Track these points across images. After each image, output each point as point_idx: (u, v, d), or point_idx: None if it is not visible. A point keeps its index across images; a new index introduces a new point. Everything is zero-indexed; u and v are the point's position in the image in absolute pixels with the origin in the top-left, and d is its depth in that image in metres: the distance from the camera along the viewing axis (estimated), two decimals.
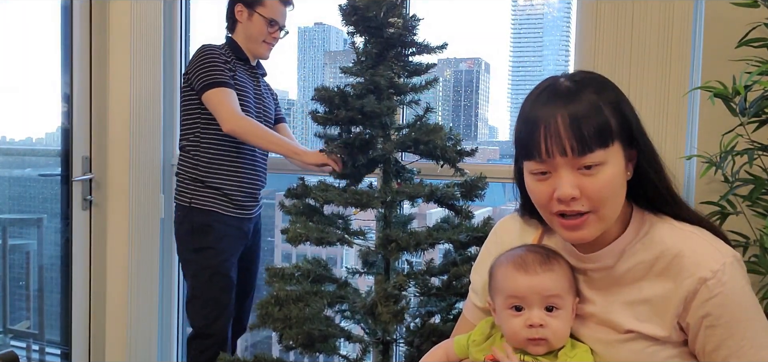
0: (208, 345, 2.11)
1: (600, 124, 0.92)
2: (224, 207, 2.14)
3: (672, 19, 1.82)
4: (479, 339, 1.09)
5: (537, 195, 0.97)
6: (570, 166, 0.93)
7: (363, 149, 1.81)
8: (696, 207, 1.82)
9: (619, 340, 0.99)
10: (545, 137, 0.92)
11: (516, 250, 1.05)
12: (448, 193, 1.77)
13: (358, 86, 1.79)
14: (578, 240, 0.98)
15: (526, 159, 0.97)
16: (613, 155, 0.94)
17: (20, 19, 2.89)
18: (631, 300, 0.99)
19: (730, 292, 0.93)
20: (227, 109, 2.05)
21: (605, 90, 0.97)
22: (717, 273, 0.92)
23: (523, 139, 0.96)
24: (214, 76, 2.07)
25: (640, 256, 0.99)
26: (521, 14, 3.79)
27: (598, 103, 0.93)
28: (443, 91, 3.44)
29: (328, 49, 4.57)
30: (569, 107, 0.92)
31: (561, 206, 0.94)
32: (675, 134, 1.83)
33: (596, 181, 0.92)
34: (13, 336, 3.02)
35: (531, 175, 0.97)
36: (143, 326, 2.62)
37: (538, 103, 0.96)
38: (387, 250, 1.72)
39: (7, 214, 3.10)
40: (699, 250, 0.95)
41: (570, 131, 0.91)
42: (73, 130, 2.57)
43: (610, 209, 0.95)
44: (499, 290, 1.03)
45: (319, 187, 1.83)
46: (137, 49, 2.53)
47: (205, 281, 2.12)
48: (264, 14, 2.18)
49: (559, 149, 0.92)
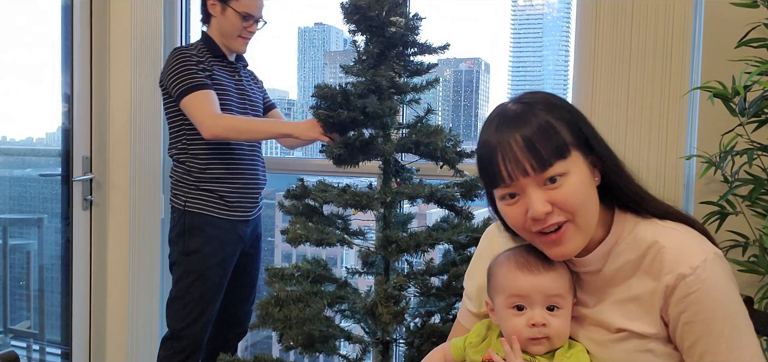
0: (180, 348, 2.10)
1: (553, 139, 0.94)
2: (219, 210, 2.10)
3: (672, 19, 1.82)
4: (476, 340, 1.09)
5: (512, 219, 0.99)
6: (535, 183, 0.94)
7: (363, 149, 1.81)
8: (696, 207, 1.83)
9: (612, 340, 1.00)
10: (504, 162, 0.94)
11: (516, 250, 1.05)
12: (448, 194, 1.77)
13: (359, 85, 1.79)
14: (564, 257, 0.99)
15: (493, 187, 0.99)
16: (574, 163, 0.95)
17: (21, 19, 2.89)
18: (620, 299, 1.00)
19: (708, 289, 0.93)
20: (204, 113, 1.98)
21: (554, 107, 0.98)
22: (696, 269, 0.93)
23: (485, 169, 0.99)
24: (188, 80, 2.00)
25: (626, 256, 1.00)
26: (521, 14, 3.79)
27: (548, 120, 0.95)
28: (443, 91, 3.44)
29: (328, 49, 4.58)
30: (521, 129, 0.94)
31: (538, 225, 0.95)
32: (675, 134, 1.83)
33: (563, 191, 0.94)
34: (13, 336, 3.02)
35: (501, 201, 0.99)
36: (143, 326, 2.62)
37: (490, 132, 0.98)
38: (387, 251, 1.72)
39: (8, 214, 3.10)
40: (679, 246, 0.96)
41: (526, 152, 0.93)
42: (74, 130, 2.57)
43: (586, 215, 0.96)
44: (501, 289, 1.03)
45: (319, 188, 1.83)
46: (137, 49, 2.53)
47: (188, 284, 2.09)
48: (237, 9, 2.10)
49: (519, 170, 0.94)
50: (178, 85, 2.02)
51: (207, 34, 2.16)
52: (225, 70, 2.15)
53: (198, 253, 2.09)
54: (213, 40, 2.15)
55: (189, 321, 2.09)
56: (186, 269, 2.10)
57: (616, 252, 1.00)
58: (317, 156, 2.35)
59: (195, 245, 2.09)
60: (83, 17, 2.55)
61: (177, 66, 2.03)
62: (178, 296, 2.12)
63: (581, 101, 1.95)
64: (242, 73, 2.23)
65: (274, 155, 2.95)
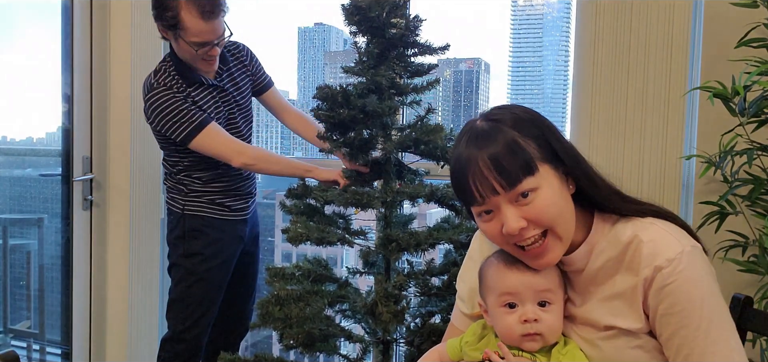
0: (180, 350, 2.09)
1: (519, 156, 0.95)
2: (217, 211, 2.10)
3: (671, 20, 1.82)
4: (472, 340, 1.10)
5: (490, 234, 1.00)
6: (507, 200, 0.95)
7: (363, 149, 1.81)
8: (695, 207, 1.84)
9: (601, 338, 1.01)
10: (474, 182, 0.96)
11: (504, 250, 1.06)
12: (449, 193, 1.77)
13: (359, 86, 1.79)
14: (547, 266, 1.00)
15: (468, 205, 1.00)
16: (544, 177, 0.96)
17: (21, 19, 2.89)
18: (605, 297, 1.01)
19: (685, 281, 0.93)
20: (227, 148, 1.97)
21: (522, 123, 0.98)
22: (672, 261, 0.94)
23: (458, 188, 1.00)
24: (186, 121, 1.91)
25: (608, 254, 1.01)
26: (521, 14, 3.80)
27: (513, 138, 0.96)
28: (443, 91, 3.44)
29: (328, 50, 4.58)
30: (487, 149, 0.95)
31: (515, 239, 0.97)
32: (674, 134, 1.83)
33: (536, 206, 0.95)
34: (13, 336, 3.03)
35: (478, 218, 1.00)
36: (144, 326, 2.62)
37: (460, 149, 0.99)
38: (387, 250, 1.73)
39: (8, 214, 3.10)
40: (656, 239, 0.97)
41: (493, 171, 0.94)
42: (74, 130, 2.57)
43: (563, 225, 0.97)
44: (491, 289, 1.04)
45: (320, 187, 1.83)
46: (138, 49, 2.53)
47: (189, 286, 2.08)
48: (187, 39, 1.89)
49: (489, 190, 0.95)
50: (179, 131, 1.92)
51: (176, 56, 1.99)
52: (204, 92, 2.01)
53: (199, 255, 2.08)
54: (182, 62, 1.98)
55: (190, 323, 2.09)
56: (187, 271, 2.10)
57: (598, 251, 1.02)
58: (318, 156, 2.35)
59: (196, 247, 2.08)
60: (83, 17, 2.55)
61: (167, 110, 1.92)
62: (179, 298, 2.11)
63: (581, 101, 1.95)
64: (223, 76, 2.06)
65: None
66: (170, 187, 2.14)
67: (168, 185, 2.15)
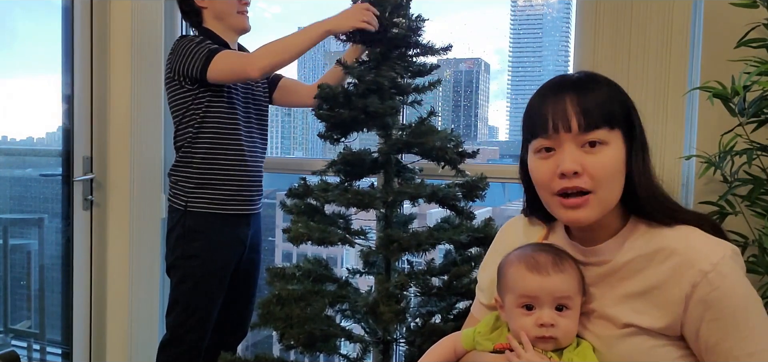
0: (179, 353, 2.08)
1: (606, 107, 0.98)
2: (223, 205, 2.07)
3: (671, 20, 1.82)
4: (485, 330, 1.11)
5: (540, 174, 1.01)
6: (574, 142, 0.97)
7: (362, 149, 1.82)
8: (695, 207, 1.84)
9: (618, 335, 1.00)
10: (553, 114, 0.98)
11: (526, 249, 1.06)
12: (450, 194, 1.77)
13: (360, 86, 1.79)
14: (577, 222, 1.00)
15: (533, 138, 1.01)
16: (616, 139, 0.98)
17: (21, 18, 2.89)
18: (628, 293, 1.00)
19: (731, 285, 0.93)
20: (240, 61, 1.95)
21: (615, 87, 1.03)
22: (716, 265, 0.93)
23: (531, 118, 1.02)
24: (203, 50, 1.95)
25: (639, 250, 1.01)
26: (521, 14, 3.80)
27: (606, 92, 1.00)
28: (443, 91, 3.44)
29: (328, 49, 4.58)
30: (579, 92, 0.98)
31: (563, 182, 0.97)
32: (674, 134, 1.83)
33: (599, 159, 0.96)
34: (13, 336, 3.02)
35: (535, 154, 1.01)
36: (144, 326, 2.62)
37: (547, 88, 1.03)
38: (388, 250, 1.73)
39: (8, 214, 3.10)
40: (697, 245, 0.97)
41: (578, 108, 0.97)
42: (74, 130, 2.58)
43: (609, 192, 0.98)
44: (510, 289, 1.04)
45: (320, 187, 1.84)
46: (138, 49, 2.53)
47: (188, 289, 2.07)
48: None
49: (564, 125, 0.97)
50: (195, 64, 1.95)
51: (206, 29, 2.10)
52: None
53: (198, 258, 2.06)
54: (213, 33, 2.08)
55: (188, 327, 2.08)
56: (185, 273, 2.08)
57: (630, 245, 1.01)
58: (318, 156, 2.35)
59: (195, 249, 2.06)
60: (83, 17, 2.55)
61: (184, 50, 1.98)
62: (178, 301, 2.10)
63: None
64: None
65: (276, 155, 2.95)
66: (176, 178, 2.10)
67: (174, 177, 2.11)
